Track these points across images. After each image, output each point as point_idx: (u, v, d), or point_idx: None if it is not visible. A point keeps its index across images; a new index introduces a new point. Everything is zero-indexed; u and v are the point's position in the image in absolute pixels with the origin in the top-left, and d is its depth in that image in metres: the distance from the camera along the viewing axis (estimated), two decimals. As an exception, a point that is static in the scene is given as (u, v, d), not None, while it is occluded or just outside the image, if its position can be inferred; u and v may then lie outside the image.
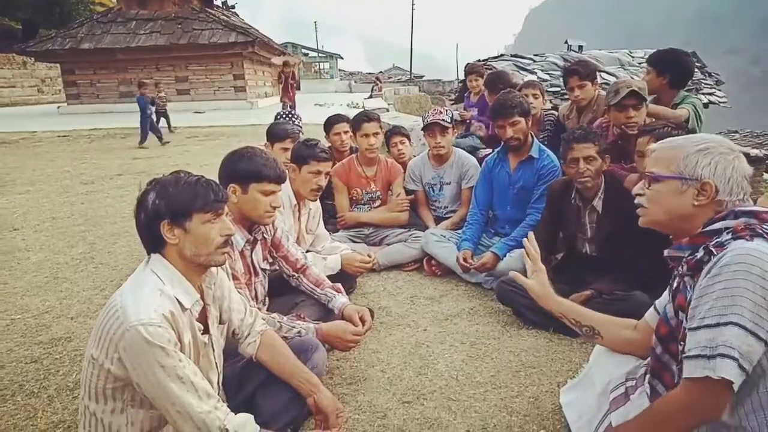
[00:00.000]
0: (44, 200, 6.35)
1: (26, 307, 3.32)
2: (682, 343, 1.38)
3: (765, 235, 1.29)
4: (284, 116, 4.61)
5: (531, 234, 2.05)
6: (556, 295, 1.96)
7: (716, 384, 1.24)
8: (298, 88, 16.97)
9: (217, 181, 1.81)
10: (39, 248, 4.50)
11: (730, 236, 1.33)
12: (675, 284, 1.50)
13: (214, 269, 1.75)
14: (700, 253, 1.38)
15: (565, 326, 2.79)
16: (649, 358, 1.62)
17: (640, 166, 2.80)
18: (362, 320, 2.46)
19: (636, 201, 1.59)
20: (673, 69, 3.51)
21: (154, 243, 1.61)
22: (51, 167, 8.68)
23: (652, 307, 1.74)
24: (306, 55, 47.48)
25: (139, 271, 1.60)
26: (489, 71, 5.69)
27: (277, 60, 22.08)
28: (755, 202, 1.55)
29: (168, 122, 12.76)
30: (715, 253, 1.32)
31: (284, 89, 15.25)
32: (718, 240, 1.35)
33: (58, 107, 20.70)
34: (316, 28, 49.57)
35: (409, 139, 4.67)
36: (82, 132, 13.50)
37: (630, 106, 3.11)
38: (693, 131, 3.30)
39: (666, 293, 1.59)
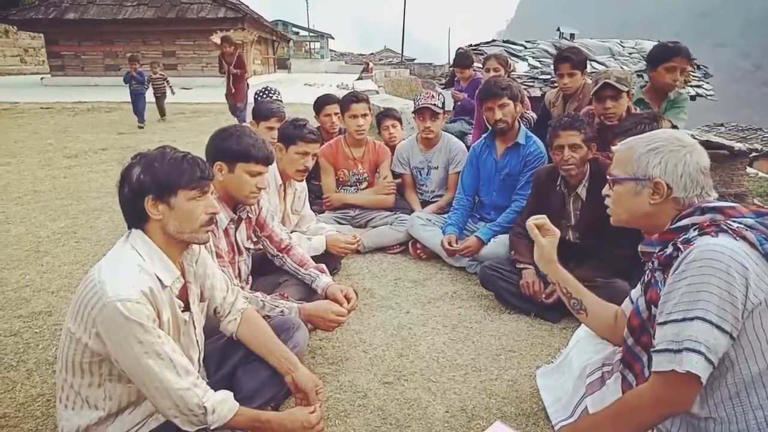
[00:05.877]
0: (26, 173, 6.24)
1: (6, 280, 3.28)
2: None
3: (729, 231, 1.32)
4: (262, 93, 4.45)
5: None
6: (556, 260, 1.89)
7: (682, 377, 1.28)
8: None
9: (204, 158, 1.78)
10: (20, 221, 4.44)
11: (696, 233, 1.36)
12: (647, 279, 1.53)
13: (196, 247, 1.74)
14: (669, 250, 1.41)
15: (545, 311, 2.84)
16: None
17: None
18: (347, 298, 2.45)
19: (605, 202, 1.64)
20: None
21: (136, 218, 1.58)
22: (33, 139, 8.52)
23: (628, 297, 1.76)
24: (297, 33, 46.88)
25: (118, 247, 1.58)
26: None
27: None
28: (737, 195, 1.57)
29: (160, 106, 10.77)
30: (683, 249, 1.35)
31: (228, 83, 9.18)
32: (685, 236, 1.38)
33: (42, 78, 20.22)
34: (307, 6, 48.82)
35: (401, 123, 4.65)
36: (66, 105, 13.22)
37: (607, 97, 3.12)
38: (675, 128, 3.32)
39: (639, 285, 1.62)
